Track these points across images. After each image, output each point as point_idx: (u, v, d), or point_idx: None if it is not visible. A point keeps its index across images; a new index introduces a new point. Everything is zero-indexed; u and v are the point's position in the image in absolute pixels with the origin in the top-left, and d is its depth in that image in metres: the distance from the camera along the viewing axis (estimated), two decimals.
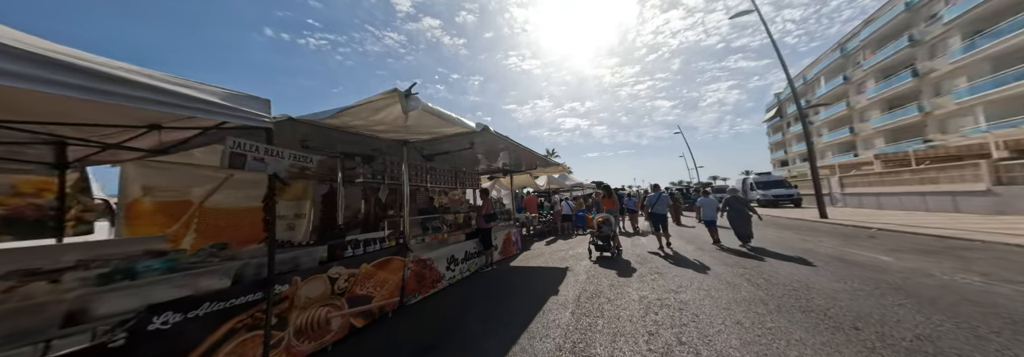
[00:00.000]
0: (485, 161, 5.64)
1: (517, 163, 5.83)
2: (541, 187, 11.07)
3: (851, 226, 8.43)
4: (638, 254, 5.64)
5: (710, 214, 6.34)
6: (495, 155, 5.09)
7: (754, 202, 19.21)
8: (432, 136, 3.05)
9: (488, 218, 4.58)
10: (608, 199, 6.12)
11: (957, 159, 13.20)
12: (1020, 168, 8.07)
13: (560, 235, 8.98)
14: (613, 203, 6.11)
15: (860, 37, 22.96)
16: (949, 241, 5.66)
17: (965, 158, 13.11)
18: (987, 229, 6.34)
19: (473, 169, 6.08)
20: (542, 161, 5.46)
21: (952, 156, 13.95)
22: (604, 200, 6.25)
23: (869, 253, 4.96)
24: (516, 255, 5.84)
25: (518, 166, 6.14)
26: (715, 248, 5.83)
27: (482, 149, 4.13)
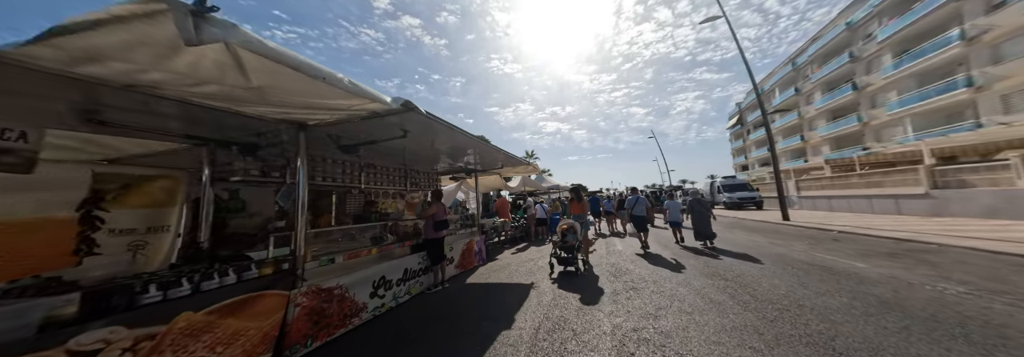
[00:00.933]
0: (447, 159, 4.87)
1: (484, 162, 5.12)
2: (514, 189, 10.42)
3: (813, 229, 8.66)
4: (613, 263, 5.13)
5: (676, 216, 6.72)
6: (458, 152, 4.35)
7: (720, 205, 20.14)
8: (333, 115, 2.02)
9: (439, 226, 3.73)
10: (576, 203, 5.10)
11: (890, 165, 14.51)
12: (953, 173, 8.75)
13: (533, 241, 8.37)
14: (582, 208, 5.08)
15: (808, 52, 25.13)
16: (907, 244, 5.76)
17: (898, 164, 14.46)
18: (933, 231, 6.63)
19: (431, 168, 5.27)
20: (507, 159, 4.78)
21: (888, 162, 15.34)
22: (572, 204, 5.19)
23: (842, 259, 4.82)
24: (477, 267, 5.06)
25: (486, 165, 5.43)
26: (680, 247, 6.25)
27: (425, 141, 3.32)
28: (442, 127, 2.67)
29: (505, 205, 7.72)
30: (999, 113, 13.25)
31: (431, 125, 2.51)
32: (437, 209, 3.75)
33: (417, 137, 2.99)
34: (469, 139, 3.31)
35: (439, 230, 3.76)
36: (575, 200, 5.13)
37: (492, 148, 4.01)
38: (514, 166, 5.71)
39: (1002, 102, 13.18)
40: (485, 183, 7.58)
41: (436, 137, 3.23)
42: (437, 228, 3.73)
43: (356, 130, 2.57)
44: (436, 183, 5.46)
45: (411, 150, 3.96)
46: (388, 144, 2.93)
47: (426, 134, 3.00)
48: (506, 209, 7.66)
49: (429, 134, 3.02)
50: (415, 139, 3.21)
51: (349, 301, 2.64)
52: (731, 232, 8.72)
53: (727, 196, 18.51)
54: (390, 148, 3.63)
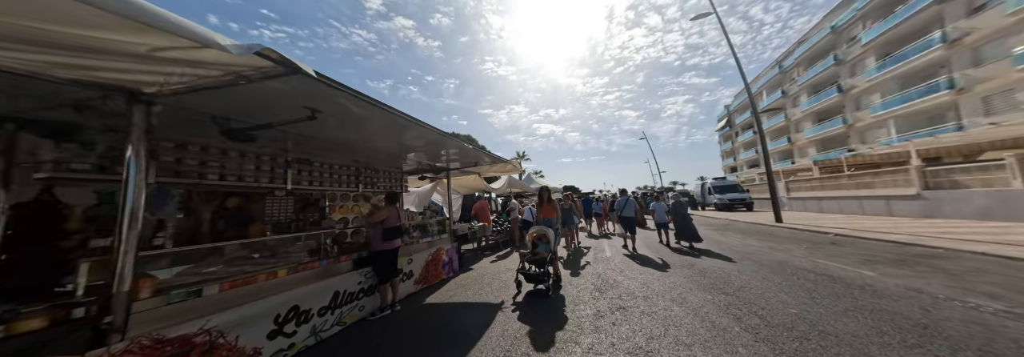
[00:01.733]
0: (416, 157, 4.24)
1: (456, 160, 4.51)
2: (498, 190, 9.80)
3: (807, 231, 8.34)
4: (599, 273, 4.56)
5: (661, 217, 6.89)
6: (416, 147, 3.73)
7: (710, 206, 20.02)
8: (167, 76, 1.34)
9: (390, 234, 3.03)
10: (546, 206, 4.35)
11: (876, 166, 14.57)
12: (945, 174, 8.59)
13: (517, 247, 7.78)
14: (553, 211, 4.35)
15: (794, 55, 25.50)
16: (911, 249, 5.40)
17: (883, 165, 14.52)
18: (931, 233, 6.34)
19: (393, 167, 4.62)
20: (481, 156, 4.19)
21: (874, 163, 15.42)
22: (543, 208, 4.39)
23: (848, 266, 4.38)
24: (446, 281, 4.43)
25: (459, 163, 4.81)
26: (668, 250, 6.28)
27: (348, 129, 2.60)
28: (366, 107, 1.96)
29: (484, 207, 7.11)
30: (980, 115, 13.42)
31: (346, 104, 1.87)
32: (388, 214, 3.05)
33: (340, 121, 2.34)
34: (423, 130, 2.68)
35: (390, 239, 3.05)
36: (545, 203, 4.37)
37: (453, 142, 3.40)
38: (492, 164, 5.12)
39: (983, 104, 13.34)
40: (464, 184, 6.96)
41: (367, 124, 2.56)
42: (388, 237, 3.03)
43: (239, 106, 1.88)
44: (402, 184, 4.81)
45: (363, 144, 3.33)
46: (327, 135, 2.30)
47: (352, 119, 2.34)
48: (486, 212, 7.04)
49: (355, 119, 2.35)
50: (350, 128, 2.58)
51: (225, 349, 1.88)
52: (725, 235, 8.33)
53: (718, 197, 18.35)
54: (333, 141, 2.99)
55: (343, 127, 2.60)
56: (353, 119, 2.33)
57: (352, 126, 2.59)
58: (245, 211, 3.28)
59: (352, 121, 2.41)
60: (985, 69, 12.83)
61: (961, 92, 13.91)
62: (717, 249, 6.15)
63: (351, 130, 2.71)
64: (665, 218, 6.76)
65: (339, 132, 2.73)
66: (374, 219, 3.03)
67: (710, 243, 6.92)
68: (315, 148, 3.18)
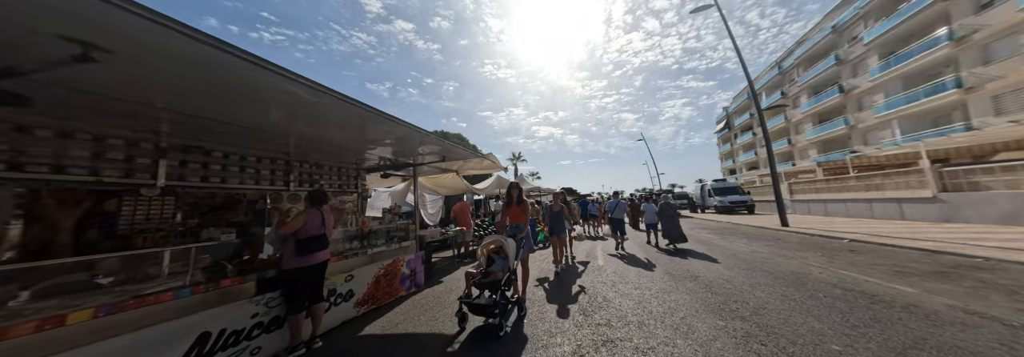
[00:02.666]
0: (374, 151, 3.57)
1: (411, 152, 3.83)
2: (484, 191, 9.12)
3: (818, 236, 7.70)
4: (589, 286, 3.89)
5: (651, 218, 7.16)
6: (353, 137, 3.07)
7: (710, 208, 19.42)
8: None
9: (306, 246, 2.23)
10: (514, 208, 3.39)
11: (880, 168, 14.02)
12: (965, 175, 7.99)
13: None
14: (521, 215, 3.42)
15: (794, 55, 25.12)
16: (943, 258, 4.75)
17: (887, 167, 13.98)
18: (958, 239, 5.70)
19: (345, 162, 3.93)
20: (444, 149, 3.51)
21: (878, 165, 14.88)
22: (510, 210, 3.44)
23: (879, 280, 3.73)
24: (403, 299, 3.60)
25: (428, 158, 4.13)
26: (656, 250, 6.40)
27: (256, 109, 2.01)
28: (253, 70, 1.38)
29: (465, 210, 6.41)
30: (990, 114, 12.92)
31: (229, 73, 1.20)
32: (306, 220, 2.26)
33: (229, 92, 1.68)
34: (362, 113, 2.02)
35: (308, 253, 2.26)
36: (513, 204, 3.38)
37: (411, 131, 2.73)
38: (467, 161, 4.45)
39: (994, 103, 12.85)
40: (443, 183, 6.29)
41: (277, 103, 1.87)
42: (304, 250, 2.24)
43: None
44: (356, 182, 4.10)
45: (293, 132, 2.66)
46: (234, 118, 1.65)
47: (246, 92, 1.67)
48: (466, 215, 6.34)
49: (253, 94, 1.68)
50: (255, 108, 1.91)
51: None
52: (729, 240, 7.68)
53: (718, 200, 17.74)
54: (247, 127, 2.32)
55: (242, 104, 1.93)
56: (250, 93, 1.67)
57: (255, 104, 1.93)
58: (106, 216, 2.53)
59: (251, 96, 1.75)
60: (996, 67, 12.35)
61: (970, 91, 13.43)
62: (722, 256, 5.50)
63: (263, 112, 2.06)
64: (655, 219, 7.05)
65: (251, 115, 2.09)
66: (287, 229, 2.22)
67: (714, 249, 6.27)
68: (217, 134, 2.48)
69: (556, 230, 4.93)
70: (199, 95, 1.85)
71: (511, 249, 2.92)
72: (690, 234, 9.06)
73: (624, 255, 6.14)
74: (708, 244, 7.19)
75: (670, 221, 6.52)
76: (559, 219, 4.94)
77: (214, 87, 1.77)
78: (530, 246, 3.51)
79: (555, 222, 4.93)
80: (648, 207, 7.22)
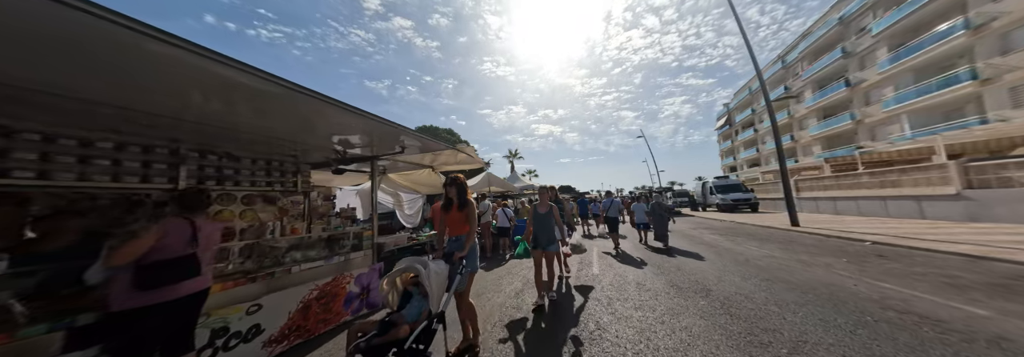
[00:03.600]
0: (320, 142, 2.86)
1: (371, 144, 3.12)
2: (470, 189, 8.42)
3: (833, 237, 7.05)
4: (579, 305, 3.21)
5: (641, 217, 7.15)
6: (280, 124, 2.38)
7: (712, 207, 18.80)
8: None
9: (155, 277, 1.50)
10: (454, 213, 2.43)
11: (888, 164, 13.38)
12: (993, 170, 7.33)
13: (491, 257, 6.43)
14: (463, 224, 2.42)
15: (798, 49, 24.38)
16: (992, 265, 4.09)
17: (895, 163, 13.34)
18: (1000, 242, 5.03)
19: (281, 155, 3.20)
20: (407, 139, 2.82)
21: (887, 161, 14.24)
22: (449, 216, 2.47)
23: (934, 296, 3.06)
24: (345, 325, 2.82)
25: (381, 149, 3.39)
26: (655, 253, 6.09)
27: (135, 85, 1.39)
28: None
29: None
30: (1007, 107, 12.28)
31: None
32: (160, 237, 1.54)
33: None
34: (287, 93, 1.39)
35: (157, 284, 1.52)
36: (454, 206, 2.43)
37: (354, 117, 2.02)
38: (437, 154, 3.74)
39: (1011, 95, 12.18)
40: (418, 181, 5.58)
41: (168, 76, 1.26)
42: (149, 280, 1.50)
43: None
44: (297, 179, 3.34)
45: (198, 113, 1.96)
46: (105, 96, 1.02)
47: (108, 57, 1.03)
48: None
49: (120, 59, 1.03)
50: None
51: None
52: (737, 243, 7.02)
53: (720, 198, 17.10)
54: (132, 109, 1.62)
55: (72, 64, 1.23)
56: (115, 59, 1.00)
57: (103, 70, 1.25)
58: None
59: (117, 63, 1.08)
60: (1015, 57, 11.67)
61: (986, 83, 12.76)
62: (733, 263, 4.83)
63: (120, 80, 1.37)
64: (645, 218, 7.08)
65: (100, 86, 1.39)
66: (119, 257, 1.43)
67: (722, 254, 5.61)
68: (37, 107, 1.75)
69: (541, 241, 3.26)
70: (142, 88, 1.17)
71: (435, 280, 1.81)
72: (692, 235, 8.49)
73: (620, 258, 5.50)
74: (714, 247, 6.53)
75: (660, 221, 6.66)
76: (546, 225, 3.32)
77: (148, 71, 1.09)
78: (474, 267, 2.42)
79: (541, 229, 3.30)
80: (638, 207, 7.34)
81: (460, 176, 2.57)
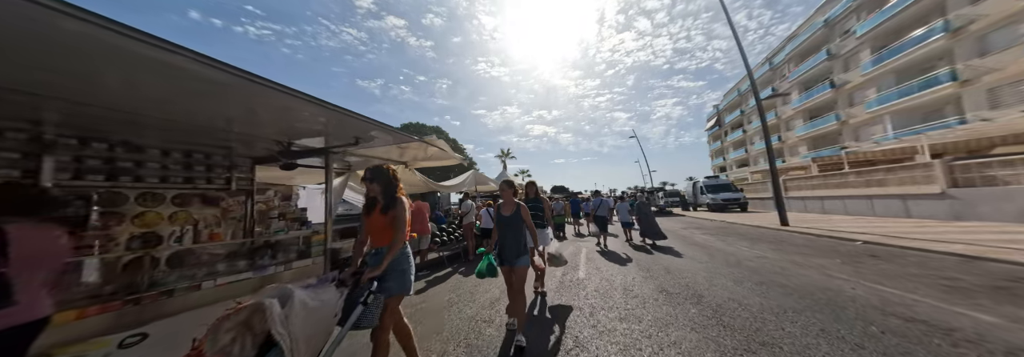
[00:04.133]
0: (253, 130, 2.45)
1: (333, 133, 2.74)
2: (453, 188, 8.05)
3: (823, 236, 6.94)
4: (560, 325, 2.90)
5: (624, 216, 7.46)
6: (208, 112, 1.99)
7: (702, 206, 18.84)
8: None
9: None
10: (376, 218, 1.85)
11: (871, 164, 13.57)
12: (978, 168, 7.36)
13: (468, 262, 6.08)
14: (387, 231, 1.82)
15: (785, 51, 24.80)
16: (988, 266, 3.95)
17: (878, 163, 13.54)
18: (990, 241, 4.93)
19: (212, 144, 2.76)
20: (364, 128, 2.46)
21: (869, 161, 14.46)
22: (367, 221, 1.89)
23: (936, 301, 2.86)
24: None
25: (337, 139, 2.99)
26: (642, 253, 6.09)
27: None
28: None
29: (422, 211, 5.33)
30: (985, 108, 12.57)
31: None
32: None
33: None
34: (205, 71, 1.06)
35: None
36: (376, 208, 1.89)
37: (269, 92, 1.67)
38: (404, 147, 3.38)
39: (989, 96, 12.48)
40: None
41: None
42: None
43: None
44: (230, 175, 2.89)
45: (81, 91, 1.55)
46: None
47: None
48: (423, 216, 5.26)
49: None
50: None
51: None
52: (728, 243, 6.84)
53: (711, 197, 17.13)
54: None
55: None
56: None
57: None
58: None
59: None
60: (992, 58, 11.96)
61: (965, 84, 13.05)
62: (725, 265, 4.60)
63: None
64: (629, 217, 7.35)
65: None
66: None
67: (714, 255, 5.39)
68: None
69: (507, 253, 2.45)
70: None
71: (301, 319, 1.29)
72: (684, 235, 8.33)
73: (609, 257, 5.23)
74: (706, 248, 6.33)
75: (646, 219, 6.91)
76: (514, 233, 2.48)
77: None
78: (401, 288, 1.79)
79: (506, 237, 2.48)
80: (621, 207, 7.61)
81: (388, 166, 2.00)
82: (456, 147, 24.39)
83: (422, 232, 5.18)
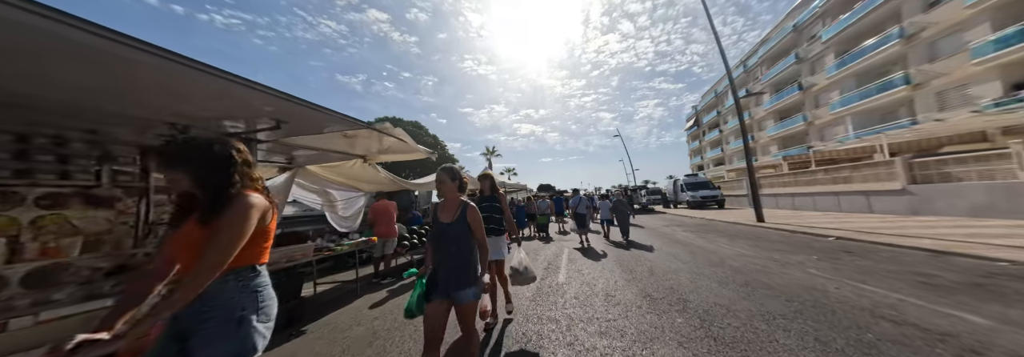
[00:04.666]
0: (137, 109, 1.89)
1: (268, 116, 2.20)
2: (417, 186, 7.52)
3: (798, 233, 7.06)
4: (533, 331, 2.55)
5: (605, 214, 7.80)
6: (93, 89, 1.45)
7: (683, 204, 19.31)
8: None
9: None
10: (190, 230, 1.00)
11: (833, 162, 14.34)
12: (936, 166, 7.76)
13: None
14: (191, 249, 0.95)
15: (758, 54, 25.90)
16: (958, 261, 4.00)
17: (841, 161, 14.32)
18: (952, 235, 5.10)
19: (88, 127, 2.15)
20: (302, 115, 1.96)
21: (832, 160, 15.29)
22: (177, 235, 1.03)
23: (914, 299, 2.76)
24: None
25: (285, 132, 2.46)
26: (622, 250, 6.18)
27: None
28: None
29: (387, 211, 4.80)
30: (934, 110, 13.53)
31: None
32: None
33: None
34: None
35: None
36: (191, 214, 1.05)
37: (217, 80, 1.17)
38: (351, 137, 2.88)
39: (937, 99, 13.44)
40: (356, 176, 4.64)
41: None
42: None
43: None
44: (100, 168, 2.28)
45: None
46: None
47: None
48: (388, 217, 4.73)
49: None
50: None
51: None
52: (709, 240, 6.81)
53: (690, 195, 17.53)
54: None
55: None
56: None
57: None
58: None
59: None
60: (941, 64, 12.86)
61: (917, 88, 14.00)
62: (708, 265, 4.44)
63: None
64: (609, 215, 7.65)
65: None
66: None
67: (697, 254, 5.26)
68: None
69: (445, 281, 1.60)
70: None
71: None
72: (666, 233, 8.31)
73: (589, 259, 4.97)
74: (687, 246, 6.23)
75: (622, 216, 7.21)
76: (458, 249, 1.64)
77: None
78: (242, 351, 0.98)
79: (443, 258, 1.65)
80: (603, 204, 7.83)
81: (224, 141, 1.11)
82: (437, 143, 23.47)
83: (386, 235, 4.65)
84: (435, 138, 23.27)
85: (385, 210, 4.77)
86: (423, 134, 22.95)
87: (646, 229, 9.67)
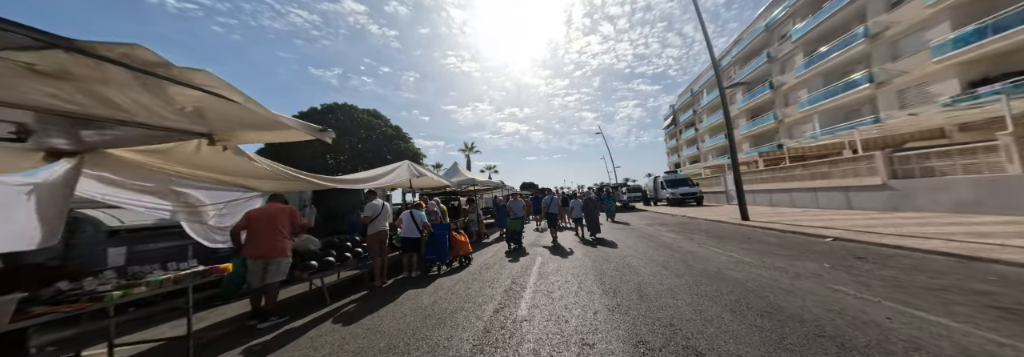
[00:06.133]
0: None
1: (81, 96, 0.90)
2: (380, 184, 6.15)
3: (790, 233, 6.50)
4: None
5: (578, 213, 7.70)
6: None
7: (663, 201, 19.12)
8: None
9: None
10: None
11: (802, 159, 14.56)
12: (917, 160, 7.54)
13: (376, 283, 4.39)
14: None
15: (732, 54, 26.45)
16: (998, 270, 3.38)
17: (807, 158, 14.56)
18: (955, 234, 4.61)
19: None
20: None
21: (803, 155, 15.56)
22: None
23: (1003, 338, 1.96)
24: None
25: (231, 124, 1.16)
26: (596, 249, 5.99)
27: None
28: None
29: (270, 220, 3.35)
30: (896, 108, 13.98)
31: None
32: None
33: None
34: None
35: None
36: None
37: None
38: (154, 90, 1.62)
39: (898, 97, 13.88)
40: (230, 169, 3.29)
41: None
42: None
43: None
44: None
45: None
46: None
47: None
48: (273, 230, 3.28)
49: None
50: None
51: None
52: (697, 242, 6.04)
53: (670, 192, 17.25)
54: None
55: None
56: None
57: None
58: None
59: None
60: (903, 62, 13.24)
61: (880, 86, 14.42)
62: (707, 279, 3.56)
63: None
64: (581, 213, 7.59)
65: None
66: None
67: (689, 260, 4.39)
68: None
69: None
70: None
71: None
72: (651, 235, 7.58)
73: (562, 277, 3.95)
74: (676, 251, 5.40)
75: (591, 214, 7.31)
76: None
77: None
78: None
79: None
80: (575, 203, 7.75)
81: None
82: (400, 134, 21.19)
83: (266, 254, 3.15)
84: (397, 130, 21.02)
85: (267, 217, 3.29)
86: (382, 124, 20.41)
87: (630, 228, 8.92)
